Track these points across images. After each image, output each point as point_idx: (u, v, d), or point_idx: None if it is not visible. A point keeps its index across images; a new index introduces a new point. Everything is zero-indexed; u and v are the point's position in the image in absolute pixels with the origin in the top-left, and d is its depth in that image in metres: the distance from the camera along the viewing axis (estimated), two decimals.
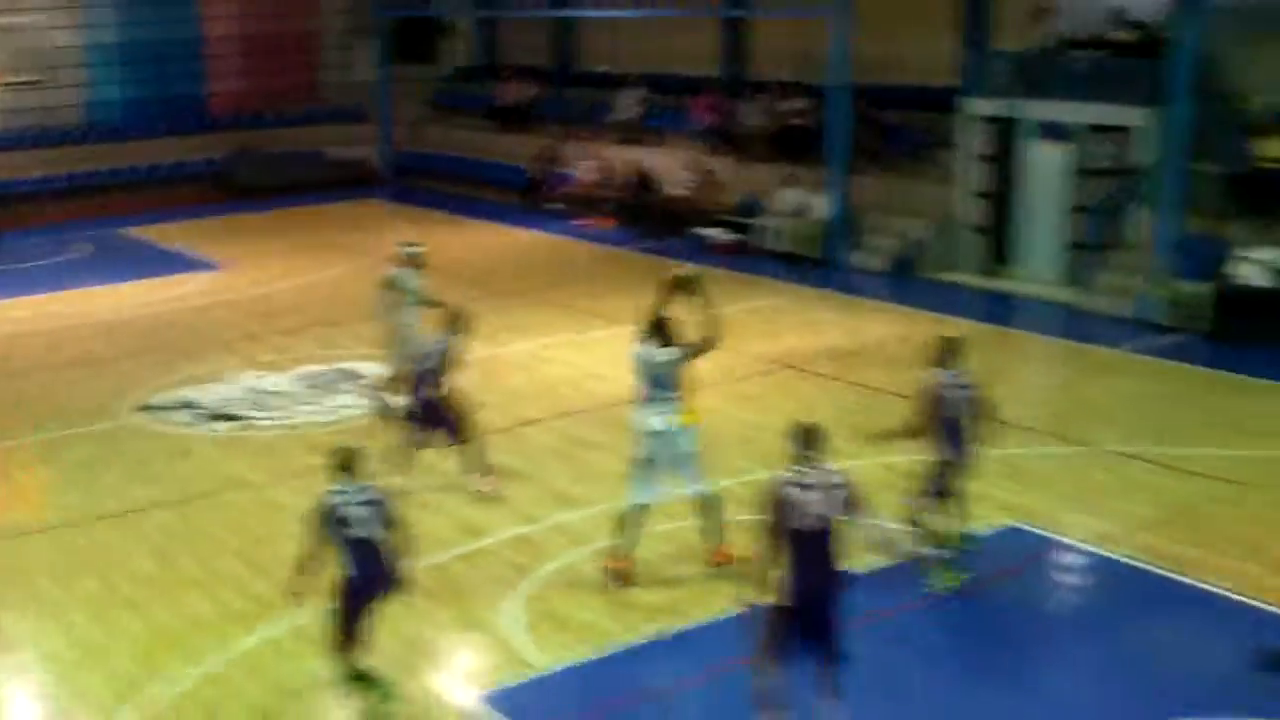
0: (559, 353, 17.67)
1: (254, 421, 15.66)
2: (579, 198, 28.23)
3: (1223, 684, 9.33)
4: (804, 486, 8.25)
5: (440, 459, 14.36)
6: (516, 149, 31.41)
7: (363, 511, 8.95)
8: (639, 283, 22.37)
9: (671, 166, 27.17)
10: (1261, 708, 8.93)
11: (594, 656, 10.08)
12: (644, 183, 27.21)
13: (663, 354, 11.01)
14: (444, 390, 12.89)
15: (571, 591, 11.15)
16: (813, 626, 8.30)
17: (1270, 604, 10.46)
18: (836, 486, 8.32)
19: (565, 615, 10.73)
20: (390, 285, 14.94)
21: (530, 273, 23.32)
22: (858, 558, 8.79)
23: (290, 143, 33.68)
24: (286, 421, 15.64)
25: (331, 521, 8.92)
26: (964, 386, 10.75)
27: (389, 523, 9.07)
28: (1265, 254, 17.53)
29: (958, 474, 10.80)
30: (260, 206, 30.74)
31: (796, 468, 8.34)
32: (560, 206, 28.58)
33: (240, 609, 10.96)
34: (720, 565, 11.12)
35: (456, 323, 13.07)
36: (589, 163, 28.49)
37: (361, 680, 9.24)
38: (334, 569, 8.95)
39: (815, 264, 23.45)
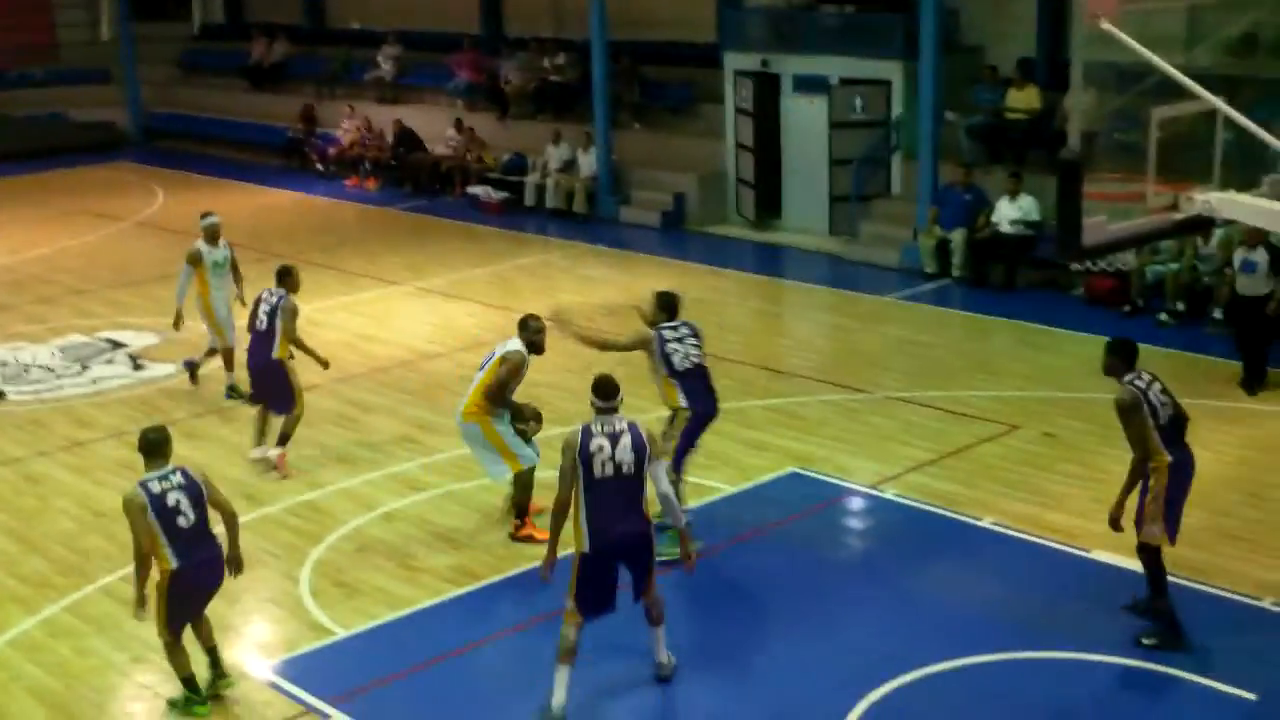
0: (332, 316, 17.30)
1: (11, 395, 14.93)
2: (342, 158, 27.63)
3: (1005, 619, 9.68)
4: (604, 436, 8.44)
5: (215, 426, 13.98)
6: (273, 109, 30.52)
7: (180, 496, 8.37)
8: (407, 243, 22.25)
9: (434, 125, 26.81)
10: (1044, 641, 9.30)
11: (387, 620, 9.93)
12: (407, 141, 26.79)
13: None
14: (277, 354, 12.47)
15: (362, 556, 10.96)
16: (620, 570, 8.58)
17: (1044, 539, 10.90)
18: (634, 435, 8.49)
19: (356, 580, 10.54)
20: (194, 259, 14.40)
21: (296, 235, 22.73)
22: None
23: (31, 105, 32.05)
24: (48, 394, 14.95)
25: (150, 512, 8.28)
26: (684, 339, 10.84)
27: (209, 504, 8.55)
28: (1017, 202, 18.21)
29: (705, 427, 10.90)
30: (1, 172, 29.22)
31: (597, 419, 8.53)
32: (325, 167, 27.95)
33: (14, 589, 10.46)
34: (519, 540, 11.01)
35: (285, 280, 12.65)
36: (350, 122, 27.89)
37: (186, 688, 8.72)
38: (159, 563, 8.43)
39: (585, 219, 23.48)
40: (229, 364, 14.57)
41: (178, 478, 8.43)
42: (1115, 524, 9.16)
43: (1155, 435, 8.99)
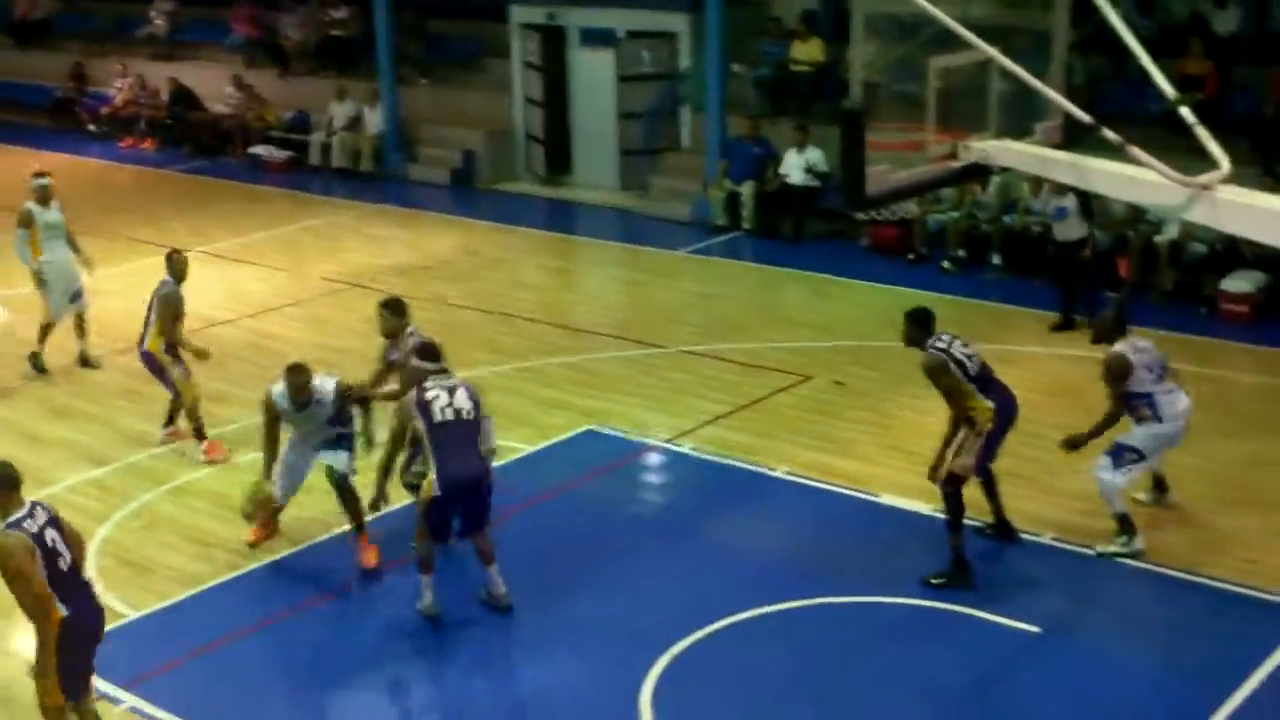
0: (111, 284, 16.64)
1: None
2: (116, 118, 26.60)
3: (801, 566, 9.85)
4: (440, 389, 9.02)
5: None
6: (40, 68, 29.18)
7: (54, 534, 7.16)
8: (190, 206, 21.56)
9: (211, 83, 25.98)
10: (838, 585, 9.50)
11: (180, 599, 9.66)
12: (184, 100, 25.92)
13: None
14: (147, 346, 11.83)
15: (151, 533, 10.64)
16: (462, 510, 9.08)
17: (836, 485, 11.12)
18: (468, 388, 9.14)
19: (146, 559, 10.23)
20: (25, 221, 13.70)
21: (71, 200, 21.54)
22: None
23: None
24: None
25: (31, 558, 6.97)
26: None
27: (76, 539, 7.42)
28: (804, 153, 18.46)
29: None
30: None
31: (430, 379, 9.10)
32: (98, 128, 26.88)
33: None
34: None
35: (168, 266, 11.98)
36: (123, 81, 26.85)
37: None
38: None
39: (372, 178, 23.07)
40: (43, 334, 13.91)
41: (43, 513, 7.22)
42: (935, 477, 9.40)
43: (971, 387, 9.27)
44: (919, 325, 9.49)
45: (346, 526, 10.07)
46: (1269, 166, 14.80)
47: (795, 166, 18.55)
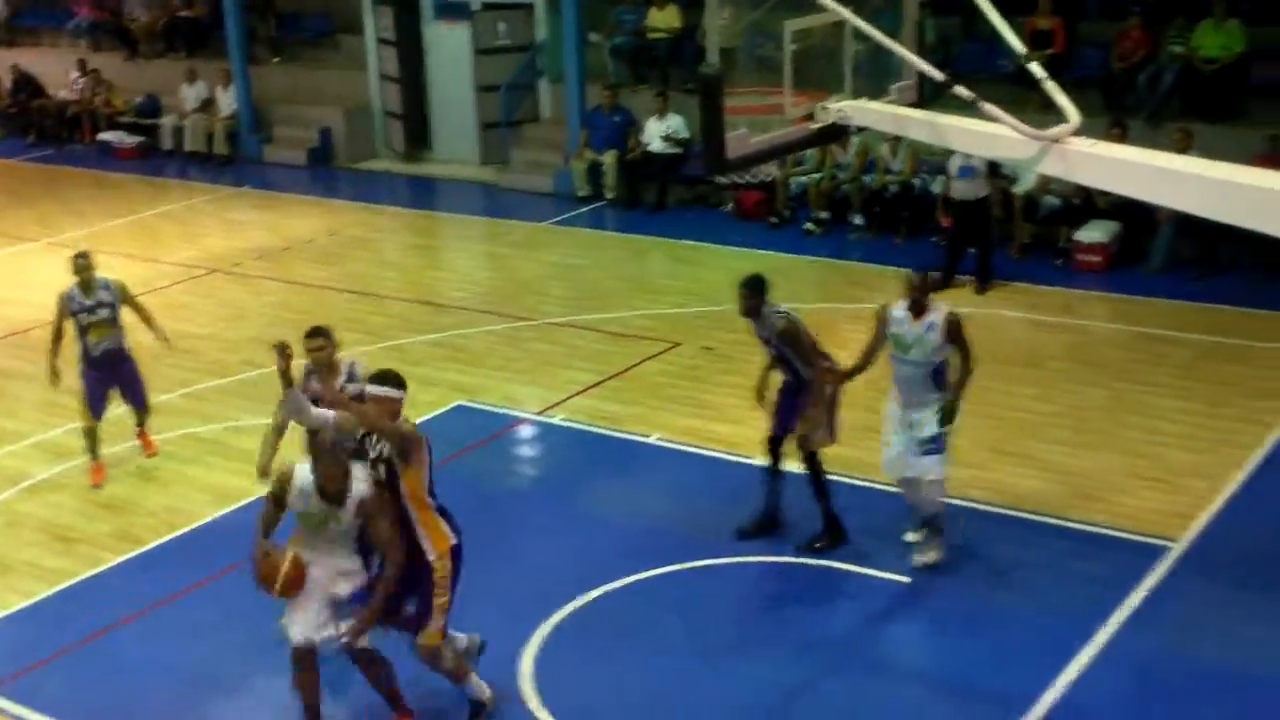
0: None
1: None
2: None
3: (677, 531, 9.89)
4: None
5: None
6: None
7: None
8: (37, 195, 20.97)
9: (55, 68, 25.26)
10: (713, 548, 9.55)
11: (43, 597, 9.41)
12: (26, 87, 25.17)
13: None
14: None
15: (11, 531, 10.34)
16: None
17: (709, 449, 11.19)
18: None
19: (6, 558, 9.94)
20: None
21: None
22: None
23: None
24: None
25: None
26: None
27: None
28: (664, 121, 18.48)
29: None
30: None
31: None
32: None
33: None
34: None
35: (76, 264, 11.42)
36: None
37: None
38: None
39: (227, 161, 22.64)
40: None
41: None
42: (805, 442, 9.36)
43: (815, 348, 9.29)
44: (758, 292, 9.28)
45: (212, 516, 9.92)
46: (1117, 119, 15.13)
47: (656, 134, 18.57)
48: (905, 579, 9.09)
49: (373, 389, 7.46)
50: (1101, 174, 6.96)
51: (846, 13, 7.58)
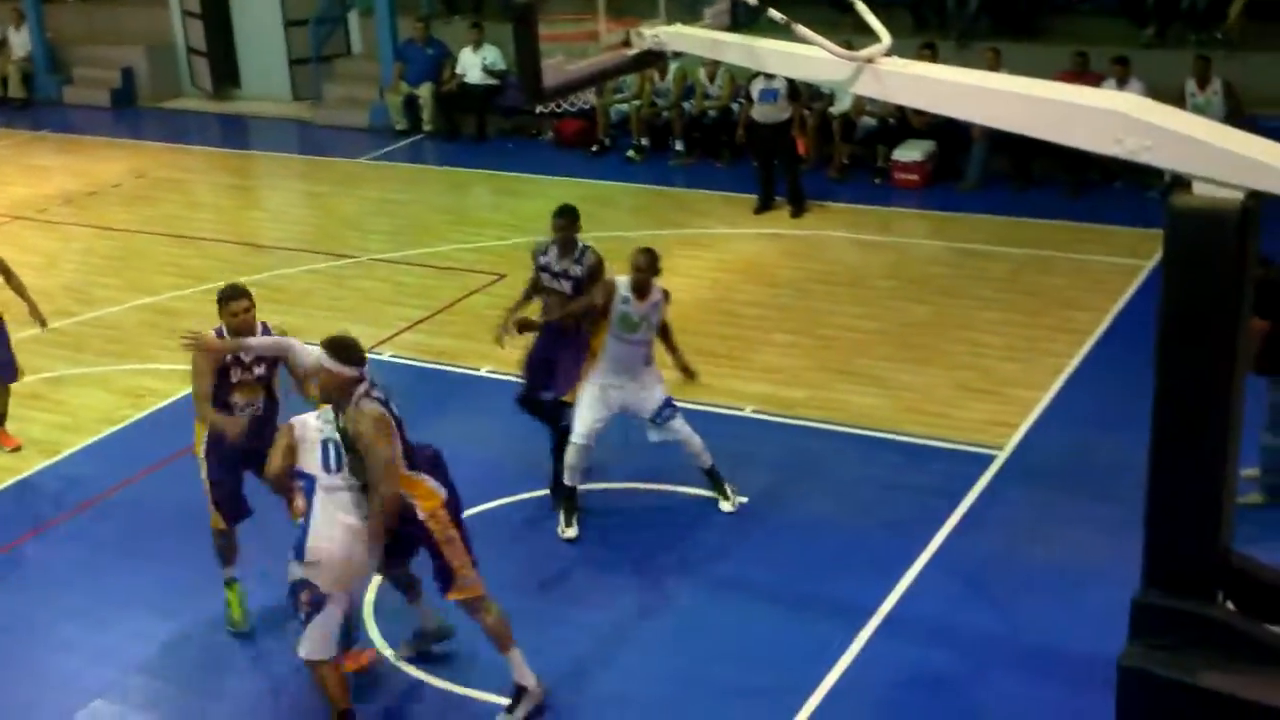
0: None
1: None
2: None
3: (518, 462, 9.84)
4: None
5: None
6: None
7: None
8: None
9: None
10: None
11: None
12: None
13: None
14: None
15: None
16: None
17: None
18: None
19: None
20: None
21: None
22: None
23: None
24: None
25: None
26: None
27: None
28: (480, 52, 18.23)
29: None
30: None
31: None
32: None
33: None
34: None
35: None
36: None
37: None
38: None
39: (25, 104, 21.72)
40: None
41: None
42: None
43: None
44: (575, 222, 9.09)
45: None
46: (928, 41, 15.38)
47: (472, 65, 18.32)
48: (742, 499, 9.20)
49: (328, 363, 6.87)
50: (914, 93, 7.04)
51: None
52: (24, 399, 11.10)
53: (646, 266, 8.74)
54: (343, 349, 6.91)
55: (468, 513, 9.10)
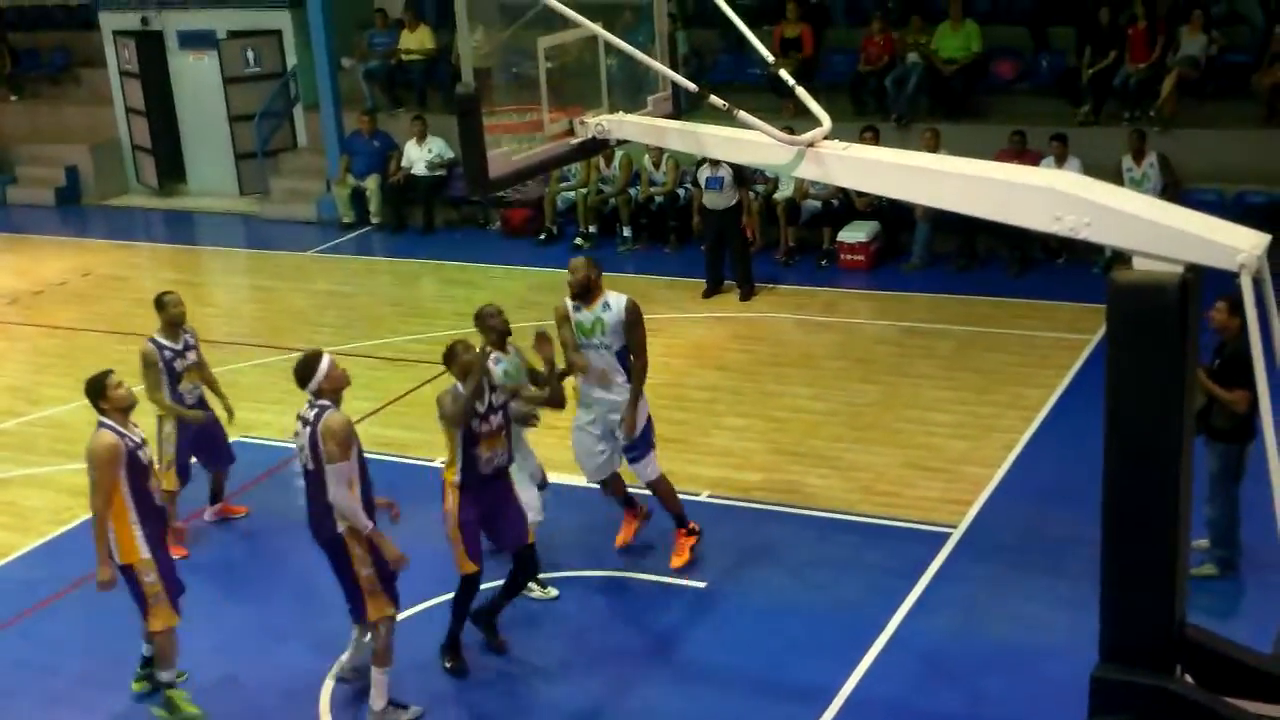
0: None
1: None
2: None
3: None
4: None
5: None
6: None
7: None
8: None
9: None
10: None
11: None
12: None
13: None
14: None
15: None
16: None
17: None
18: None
19: None
20: None
21: None
22: None
23: None
24: None
25: None
26: None
27: None
28: (425, 144, 18.33)
29: None
30: None
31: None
32: None
33: None
34: None
35: None
36: None
37: None
38: None
39: None
40: None
41: None
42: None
43: None
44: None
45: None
46: (870, 125, 15.59)
47: (418, 159, 18.40)
48: (701, 584, 9.17)
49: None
50: (856, 175, 7.14)
51: (597, 28, 7.63)
52: None
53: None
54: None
55: (424, 605, 9.09)
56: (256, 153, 20.47)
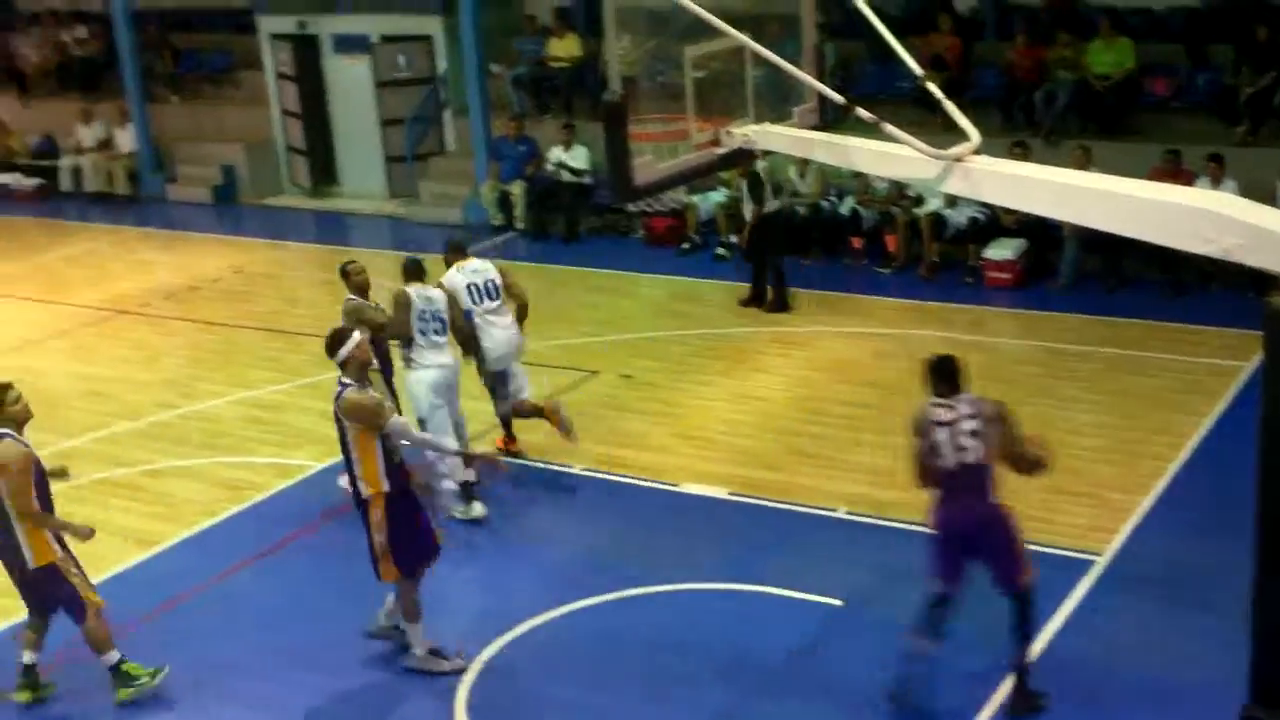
0: None
1: None
2: None
3: (606, 561, 9.84)
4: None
5: None
6: None
7: None
8: None
9: None
10: (643, 576, 9.47)
11: None
12: None
13: None
14: None
15: None
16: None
17: (635, 478, 11.16)
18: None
19: None
20: None
21: None
22: None
23: None
24: None
25: None
26: None
27: None
28: (570, 151, 18.45)
29: None
30: None
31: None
32: None
33: None
34: None
35: None
36: None
37: None
38: None
39: (130, 201, 22.31)
40: None
41: None
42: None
43: None
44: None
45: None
46: (1019, 140, 15.34)
47: (561, 164, 18.51)
48: (837, 601, 9.08)
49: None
50: (1003, 191, 7.03)
51: (744, 38, 7.61)
52: (124, 490, 11.29)
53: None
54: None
55: (554, 613, 9.14)
56: (406, 156, 20.78)
